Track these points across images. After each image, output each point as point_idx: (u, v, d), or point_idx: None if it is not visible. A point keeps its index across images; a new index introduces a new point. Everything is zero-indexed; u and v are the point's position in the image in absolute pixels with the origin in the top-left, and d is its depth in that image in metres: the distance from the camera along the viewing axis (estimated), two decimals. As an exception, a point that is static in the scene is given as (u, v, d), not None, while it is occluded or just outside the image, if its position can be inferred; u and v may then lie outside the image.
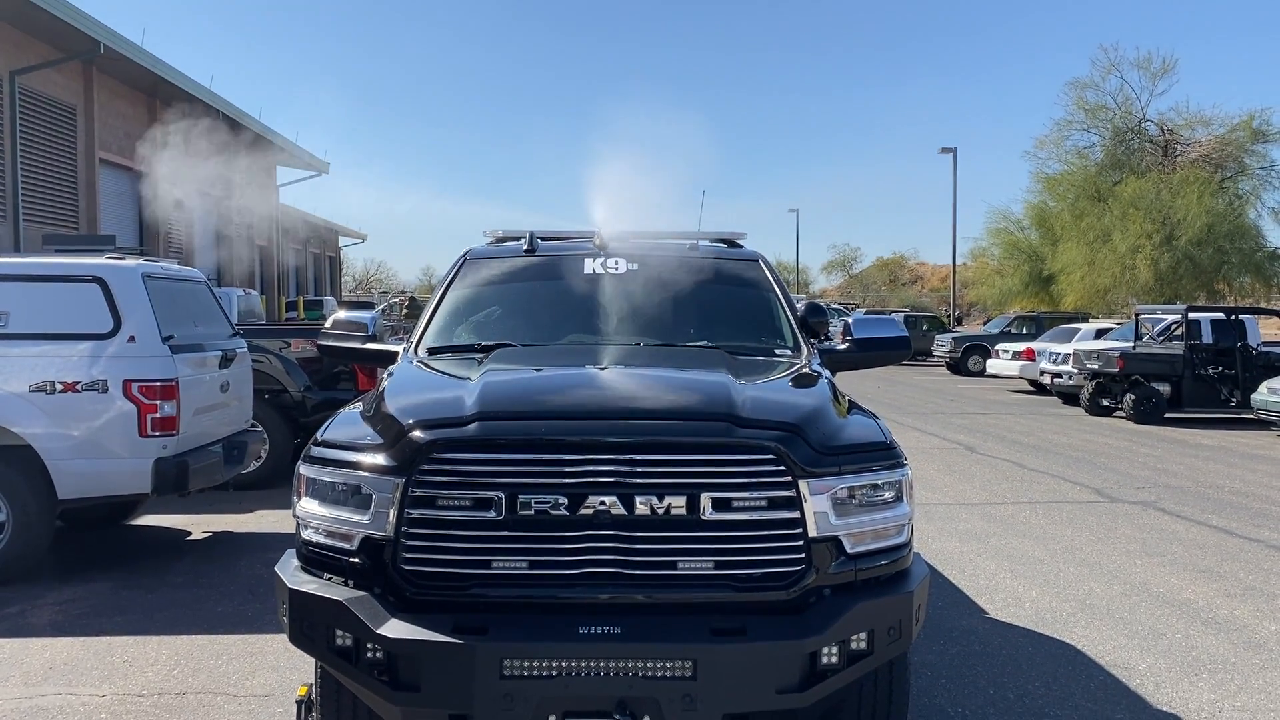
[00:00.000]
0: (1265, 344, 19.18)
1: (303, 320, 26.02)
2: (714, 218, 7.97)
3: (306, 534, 3.53)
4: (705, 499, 3.24)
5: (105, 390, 6.59)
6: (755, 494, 3.29)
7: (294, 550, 3.65)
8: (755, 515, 3.27)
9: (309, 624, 3.39)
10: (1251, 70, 75.14)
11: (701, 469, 3.28)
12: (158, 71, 21.63)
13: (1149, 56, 39.23)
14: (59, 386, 6.56)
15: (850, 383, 5.17)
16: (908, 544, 3.59)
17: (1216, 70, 73.95)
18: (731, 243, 5.90)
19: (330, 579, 3.44)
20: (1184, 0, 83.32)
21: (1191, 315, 18.30)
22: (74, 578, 6.82)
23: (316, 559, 3.50)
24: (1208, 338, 18.39)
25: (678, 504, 3.23)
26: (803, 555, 3.29)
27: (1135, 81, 39.70)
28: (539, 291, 5.39)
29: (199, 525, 8.48)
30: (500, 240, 5.84)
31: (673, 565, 3.24)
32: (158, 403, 6.66)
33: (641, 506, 3.21)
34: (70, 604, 6.23)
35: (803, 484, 3.29)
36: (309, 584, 3.45)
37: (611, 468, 3.23)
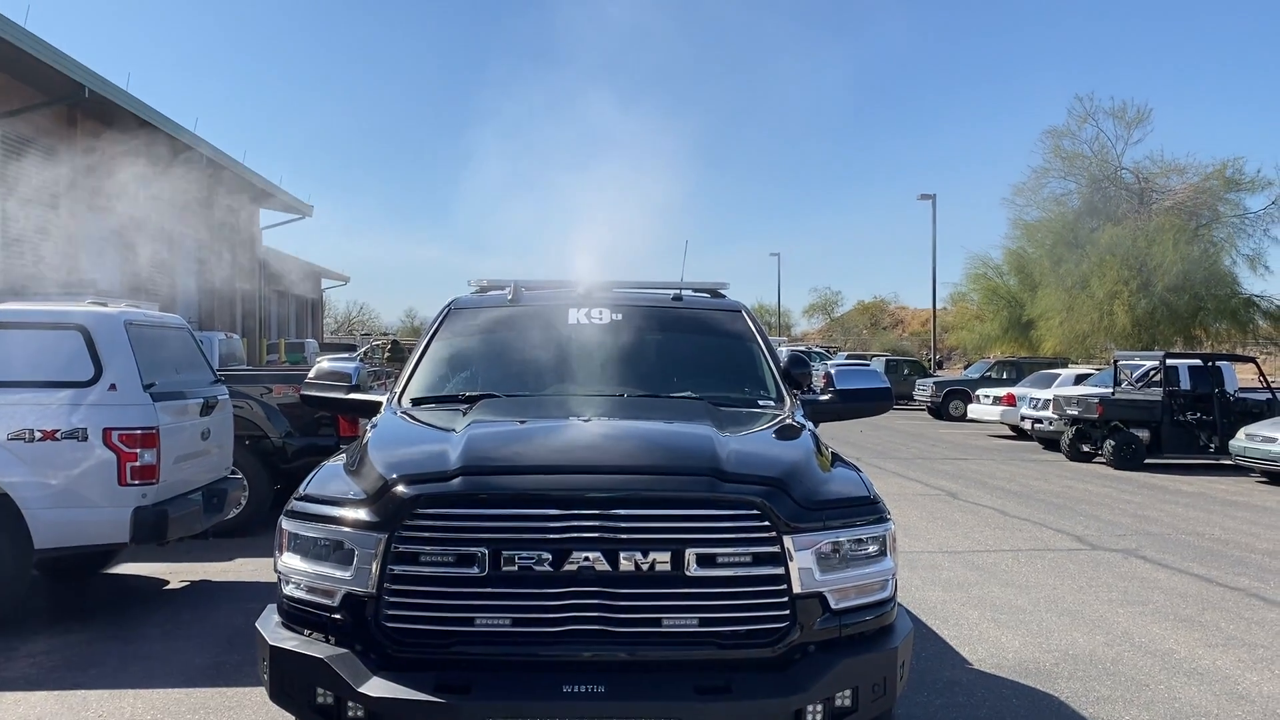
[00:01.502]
0: (1242, 390, 19.39)
1: (284, 363, 25.90)
2: (696, 262, 8.06)
3: (288, 589, 3.51)
4: (690, 555, 3.24)
5: (85, 439, 6.54)
6: (739, 550, 3.28)
7: (275, 605, 3.63)
8: (740, 571, 3.27)
9: (290, 681, 3.36)
10: (1224, 120, 76.48)
11: (686, 524, 3.28)
12: (142, 115, 21.66)
13: (1124, 106, 39.92)
14: (38, 435, 6.50)
15: (833, 427, 5.18)
16: (892, 599, 3.59)
17: (1190, 120, 74.97)
18: (715, 293, 5.94)
19: (311, 635, 3.42)
20: (1158, 52, 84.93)
21: (1169, 361, 18.51)
22: (48, 629, 6.71)
23: (298, 615, 3.47)
24: (1185, 384, 18.60)
25: (662, 560, 3.22)
26: (787, 612, 3.29)
27: (1110, 130, 40.37)
28: (523, 341, 5.39)
29: (177, 574, 8.38)
30: (485, 289, 5.87)
31: (657, 622, 3.23)
32: (138, 451, 6.61)
33: (626, 562, 3.21)
34: (44, 656, 6.12)
35: (787, 540, 3.29)
36: (290, 640, 3.42)
37: (596, 523, 3.23)
